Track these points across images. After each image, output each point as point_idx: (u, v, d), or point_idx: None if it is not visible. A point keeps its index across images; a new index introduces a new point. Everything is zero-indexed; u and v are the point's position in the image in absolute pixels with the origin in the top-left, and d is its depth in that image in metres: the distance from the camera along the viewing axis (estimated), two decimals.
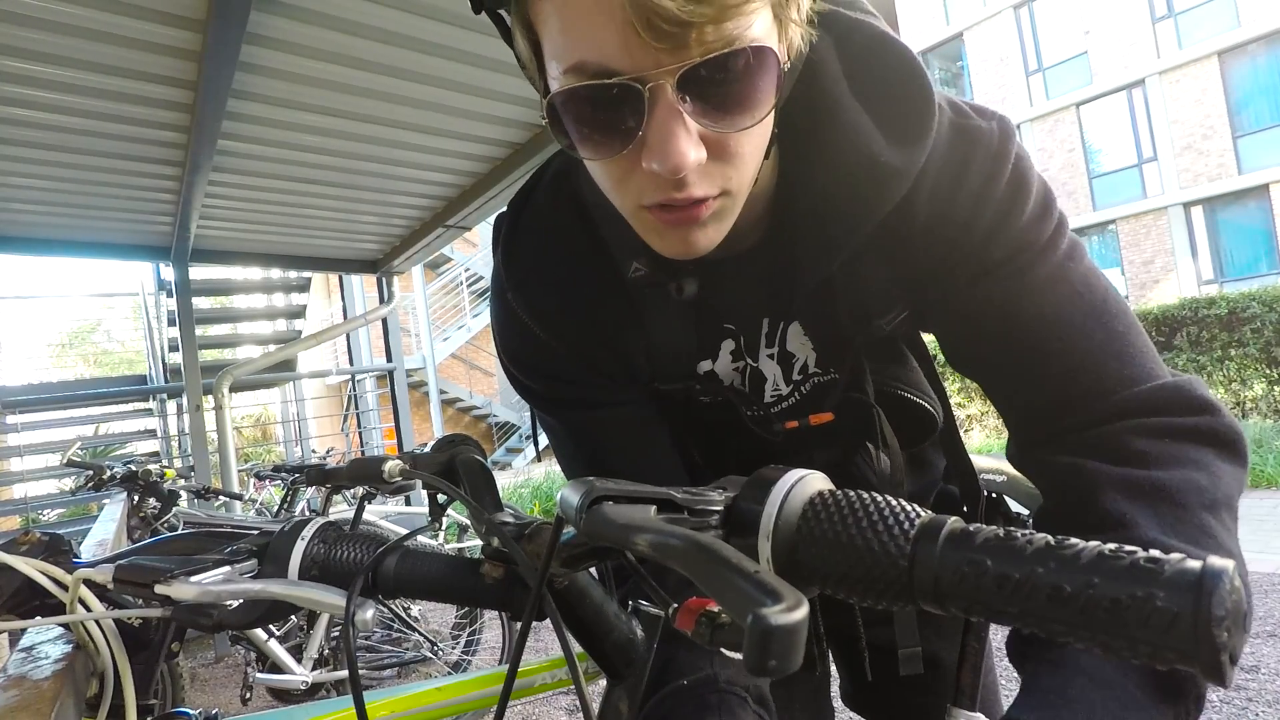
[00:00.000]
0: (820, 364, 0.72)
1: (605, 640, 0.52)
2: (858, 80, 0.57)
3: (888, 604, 0.30)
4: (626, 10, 0.41)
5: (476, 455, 0.57)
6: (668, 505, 0.34)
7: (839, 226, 0.59)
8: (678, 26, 0.41)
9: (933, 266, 0.60)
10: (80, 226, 3.85)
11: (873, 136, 0.55)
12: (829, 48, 0.57)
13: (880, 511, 0.30)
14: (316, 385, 13.82)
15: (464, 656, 3.03)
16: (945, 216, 0.58)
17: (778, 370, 0.72)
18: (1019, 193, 0.57)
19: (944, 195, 0.57)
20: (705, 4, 0.41)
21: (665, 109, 0.45)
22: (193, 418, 4.37)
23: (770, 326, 0.70)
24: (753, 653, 0.22)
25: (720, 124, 0.46)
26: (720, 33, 0.43)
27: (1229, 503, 0.52)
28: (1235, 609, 0.23)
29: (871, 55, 0.57)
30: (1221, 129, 15.68)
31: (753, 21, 0.44)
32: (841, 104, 0.56)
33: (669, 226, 0.52)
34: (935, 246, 0.59)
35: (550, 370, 0.73)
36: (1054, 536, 0.27)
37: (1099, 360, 0.56)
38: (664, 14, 0.41)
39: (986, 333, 0.60)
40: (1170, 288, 15.92)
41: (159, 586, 0.50)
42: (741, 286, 0.67)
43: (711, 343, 0.71)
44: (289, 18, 2.23)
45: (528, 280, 0.68)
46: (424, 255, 4.84)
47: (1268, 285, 7.21)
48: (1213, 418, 0.54)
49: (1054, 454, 0.58)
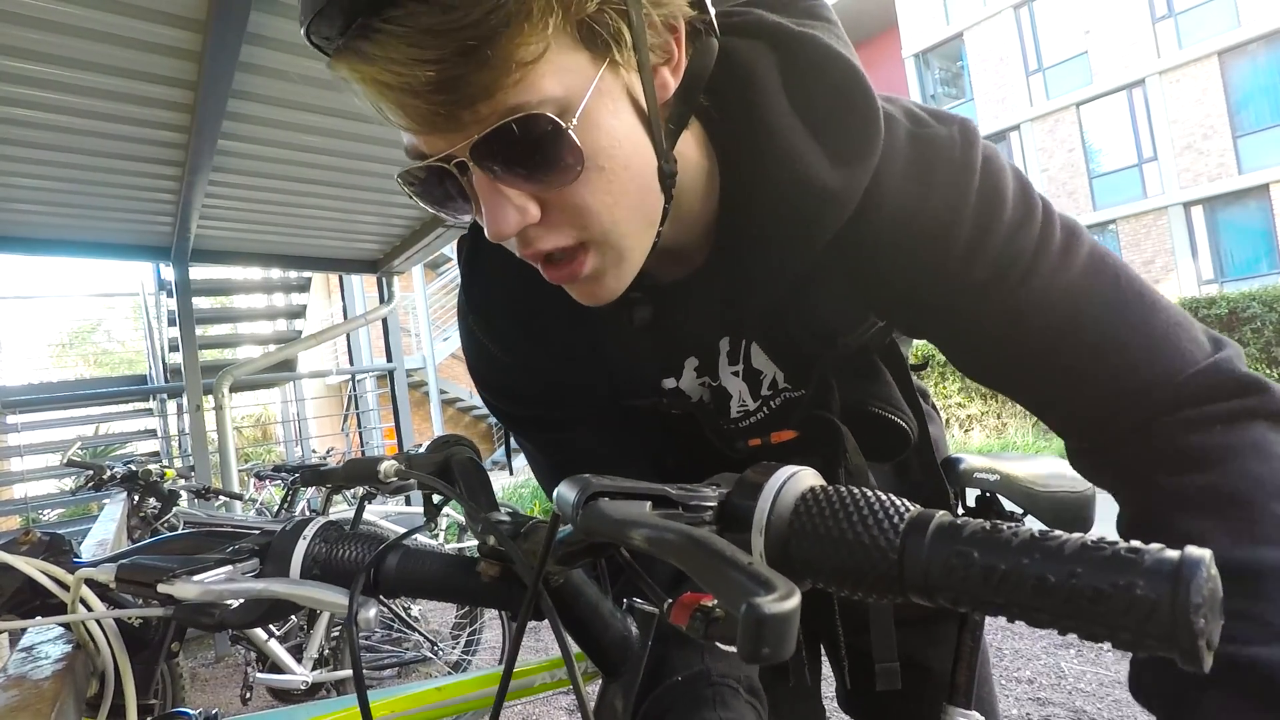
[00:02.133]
0: (790, 380, 0.71)
1: (601, 638, 0.52)
2: (799, 97, 0.55)
3: (879, 597, 0.30)
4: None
5: (471, 455, 0.57)
6: (662, 501, 0.34)
7: (783, 250, 0.58)
8: (438, 118, 0.44)
9: (909, 285, 0.58)
10: (80, 226, 3.86)
11: (811, 158, 0.54)
12: (770, 65, 0.56)
13: (870, 506, 0.31)
14: (316, 385, 13.83)
15: (464, 656, 3.03)
16: (914, 233, 0.55)
17: (743, 387, 0.71)
18: (993, 202, 0.55)
19: (910, 210, 0.55)
20: (454, 91, 0.42)
21: (480, 180, 0.46)
22: (193, 418, 4.37)
23: (732, 344, 0.69)
24: (746, 641, 0.23)
25: (536, 184, 0.47)
26: (493, 105, 0.43)
27: None
28: (1212, 596, 0.23)
29: (814, 70, 0.55)
30: (1222, 129, 15.69)
31: (534, 83, 0.43)
32: (779, 124, 0.54)
33: (560, 283, 0.53)
34: (908, 265, 0.57)
35: (516, 391, 0.74)
36: (1039, 529, 0.28)
37: (1126, 357, 0.53)
38: (421, 111, 0.43)
39: (997, 350, 0.57)
40: (1170, 288, 15.93)
41: (161, 586, 0.50)
42: (695, 308, 0.66)
43: (674, 361, 0.71)
44: (289, 18, 2.23)
45: (488, 305, 0.69)
46: (424, 255, 4.84)
47: (1268, 285, 7.22)
48: (1261, 396, 0.51)
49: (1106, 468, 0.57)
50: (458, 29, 0.40)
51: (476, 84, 0.42)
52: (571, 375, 0.71)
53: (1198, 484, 0.50)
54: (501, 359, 0.71)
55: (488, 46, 0.41)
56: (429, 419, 14.05)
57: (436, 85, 0.42)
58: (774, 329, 0.66)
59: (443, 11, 0.40)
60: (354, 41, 0.43)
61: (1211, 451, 0.50)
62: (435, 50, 0.41)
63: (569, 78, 0.45)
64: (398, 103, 0.43)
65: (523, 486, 7.96)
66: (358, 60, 0.43)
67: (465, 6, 0.40)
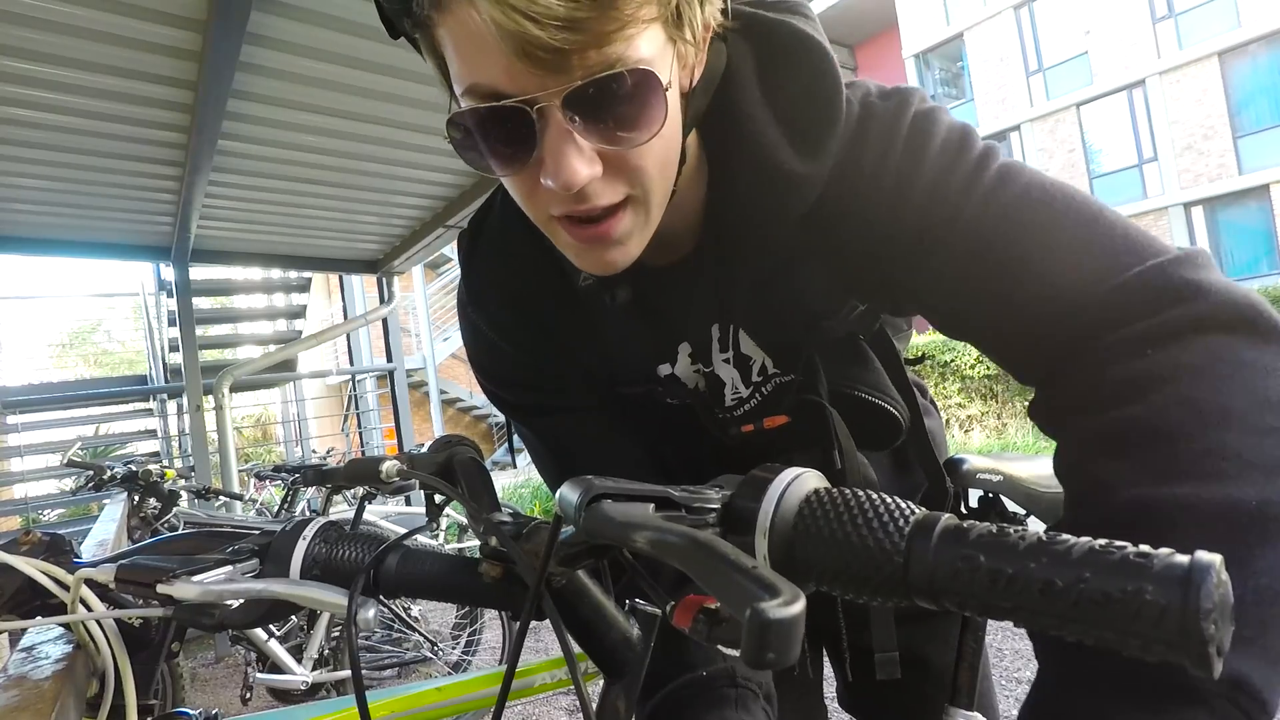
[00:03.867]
0: (779, 365, 0.72)
1: (603, 639, 0.52)
2: (770, 86, 0.57)
3: (883, 600, 0.30)
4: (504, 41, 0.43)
5: (473, 455, 0.57)
6: (665, 503, 0.34)
7: (761, 232, 0.61)
8: (553, 54, 0.43)
9: (866, 254, 0.60)
10: (80, 226, 3.85)
11: (779, 146, 0.57)
12: (747, 55, 0.58)
13: (875, 508, 0.31)
14: (317, 385, 13.82)
15: (464, 656, 3.03)
16: (863, 201, 0.57)
17: (735, 374, 0.72)
18: (920, 146, 0.56)
19: (854, 183, 0.57)
20: (578, 31, 0.42)
21: (555, 129, 0.47)
22: (193, 418, 4.37)
23: (722, 331, 0.70)
24: (751, 646, 0.23)
25: (611, 141, 0.48)
26: (601, 55, 0.44)
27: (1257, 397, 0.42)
28: (1222, 601, 0.23)
29: (786, 59, 0.57)
30: (1222, 129, 15.69)
31: (637, 43, 0.45)
32: (751, 115, 0.57)
33: (585, 244, 0.54)
34: (865, 234, 0.58)
35: (515, 379, 0.75)
36: (1046, 532, 0.27)
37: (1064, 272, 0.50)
38: (538, 43, 0.42)
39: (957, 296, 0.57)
40: None
41: (161, 586, 0.50)
42: (684, 294, 0.67)
43: (668, 347, 0.72)
44: (289, 18, 2.23)
45: (486, 294, 0.71)
46: (424, 255, 4.84)
47: (1268, 285, 7.20)
48: (1206, 301, 0.45)
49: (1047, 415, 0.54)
50: None
51: (598, 29, 0.43)
52: (569, 363, 0.73)
53: (1122, 418, 0.45)
54: (501, 347, 0.73)
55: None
56: (429, 419, 14.05)
57: (563, 22, 0.41)
58: (760, 315, 0.68)
59: None
60: None
61: (1140, 379, 0.45)
62: None
63: (661, 49, 0.47)
64: (516, 29, 0.41)
65: (523, 487, 7.96)
66: None
67: None
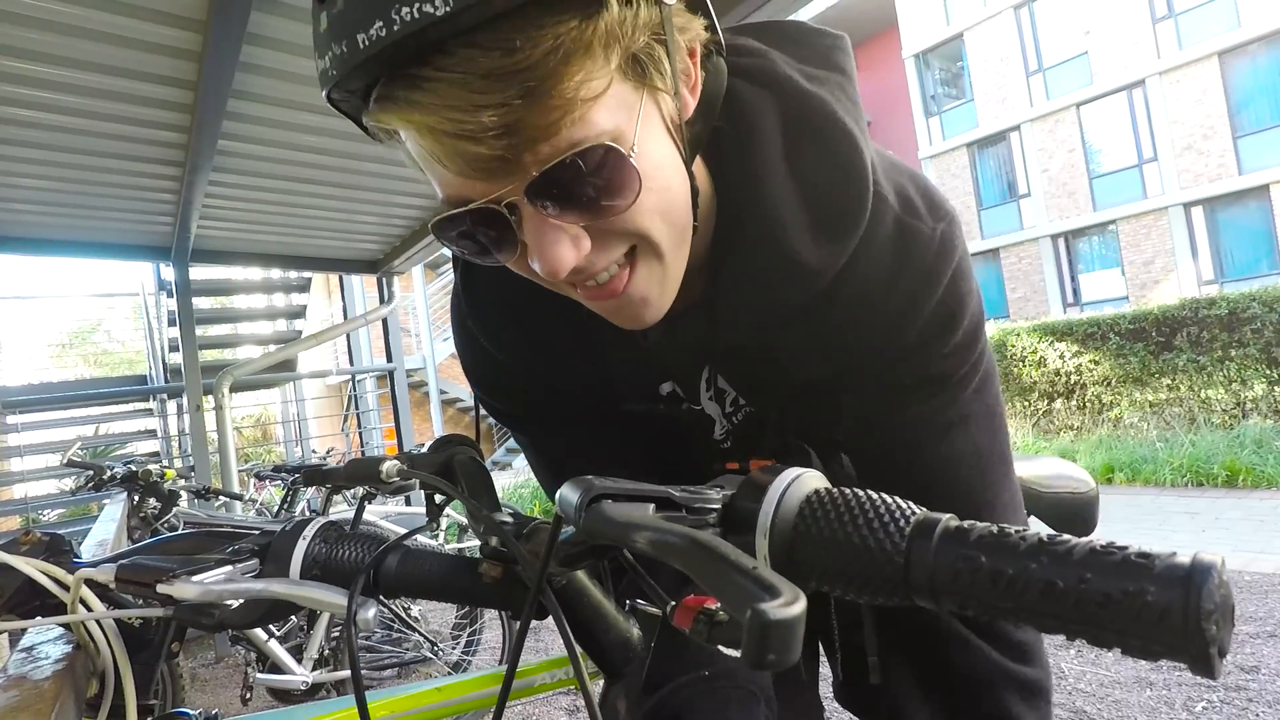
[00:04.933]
0: (750, 402, 0.72)
1: (604, 639, 0.52)
2: (796, 161, 0.55)
3: (884, 601, 0.30)
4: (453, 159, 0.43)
5: (474, 455, 0.57)
6: (666, 503, 0.34)
7: (753, 310, 0.59)
8: (500, 162, 0.43)
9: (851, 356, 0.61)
10: (80, 226, 3.85)
11: (794, 230, 0.55)
12: (775, 123, 0.56)
13: (876, 509, 0.31)
14: (317, 385, 13.81)
15: (464, 656, 3.03)
16: (872, 315, 0.58)
17: (717, 409, 0.73)
18: (948, 320, 0.59)
19: (875, 295, 0.58)
20: (517, 134, 0.41)
21: (531, 219, 0.46)
22: (193, 418, 4.37)
23: (710, 373, 0.71)
24: (751, 647, 0.23)
25: (592, 215, 0.47)
26: (552, 145, 0.43)
27: None
28: (1224, 603, 0.23)
29: (816, 137, 0.55)
30: (1222, 129, 15.67)
31: (590, 117, 0.43)
32: (769, 191, 0.55)
33: (611, 308, 0.54)
34: (857, 340, 0.60)
35: (512, 391, 0.75)
36: (1046, 533, 0.27)
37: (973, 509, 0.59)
38: (481, 158, 0.42)
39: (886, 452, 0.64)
40: (1170, 288, 15.91)
41: (161, 586, 0.50)
42: (686, 339, 0.65)
43: (666, 375, 0.72)
44: (289, 18, 2.23)
45: (484, 304, 0.69)
46: (424, 255, 4.84)
47: (1268, 286, 7.20)
48: None
49: None
50: (519, 71, 0.40)
51: (538, 124, 0.41)
52: (568, 380, 0.71)
53: None
54: (497, 358, 0.71)
55: (549, 85, 0.40)
56: (429, 419, 14.04)
57: (499, 130, 0.41)
58: (735, 366, 0.68)
59: (503, 55, 0.39)
60: (399, 91, 0.41)
61: None
62: (497, 94, 0.40)
63: (620, 107, 0.45)
64: (454, 149, 0.42)
65: (523, 487, 7.96)
66: (408, 110, 0.42)
67: (526, 48, 0.39)
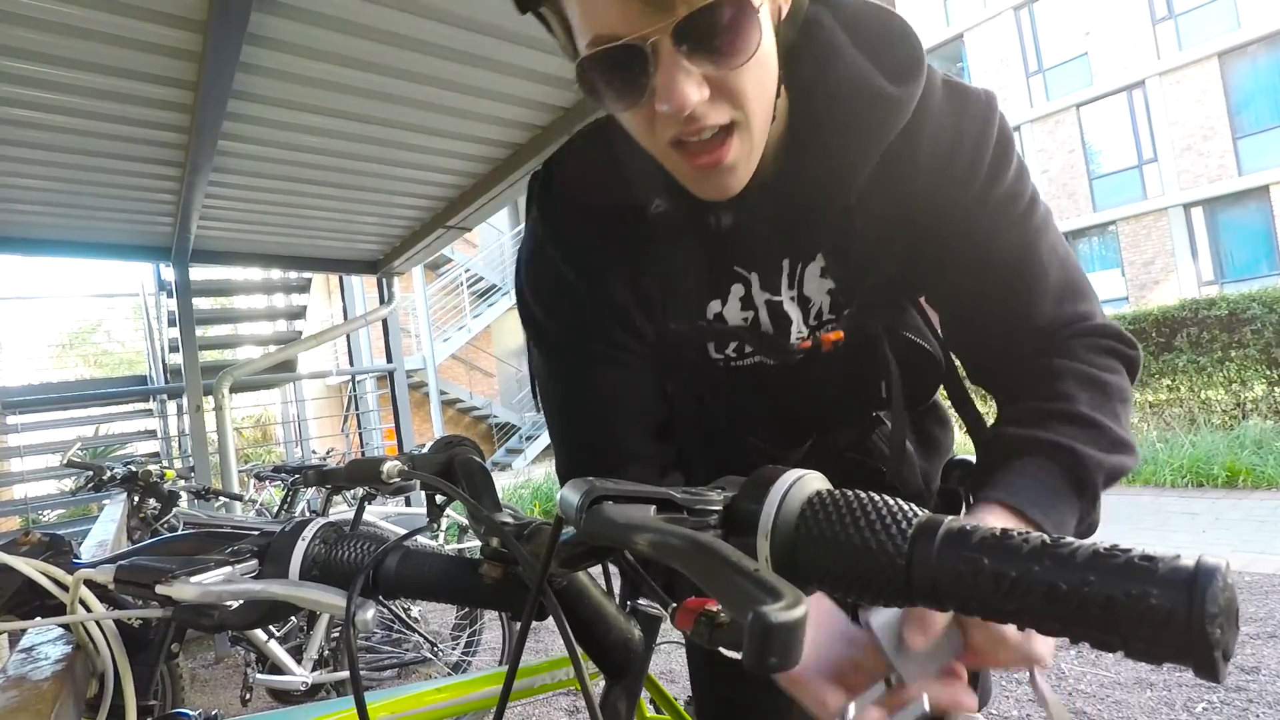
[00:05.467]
0: (834, 309, 0.79)
1: (605, 640, 0.52)
2: (855, 35, 0.67)
3: (885, 603, 0.30)
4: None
5: (475, 456, 0.57)
6: (667, 505, 0.34)
7: (852, 154, 0.67)
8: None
9: (939, 202, 0.70)
10: (80, 227, 3.85)
11: (873, 75, 0.65)
12: (830, 16, 0.67)
13: (878, 511, 0.30)
14: (317, 386, 13.80)
15: (464, 657, 3.03)
16: (946, 164, 0.68)
17: (799, 314, 0.78)
18: (1005, 153, 0.69)
19: (945, 144, 0.68)
20: None
21: (667, 60, 0.55)
22: (193, 418, 4.36)
23: (790, 267, 0.76)
24: (753, 650, 0.23)
25: (716, 65, 0.56)
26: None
27: (1128, 402, 0.69)
28: (1228, 606, 0.23)
29: (866, 16, 0.68)
30: (1222, 130, 15.68)
31: None
32: (843, 50, 0.66)
33: (700, 172, 0.62)
34: (935, 191, 0.69)
35: (568, 311, 0.78)
36: (1050, 536, 0.27)
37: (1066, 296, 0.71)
38: None
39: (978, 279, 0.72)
40: (1170, 289, 15.92)
41: (160, 587, 0.50)
42: (761, 224, 0.72)
43: (722, 285, 0.77)
44: (289, 18, 2.23)
45: (559, 218, 0.76)
46: (424, 256, 4.84)
47: (1268, 286, 7.20)
48: (1133, 352, 0.71)
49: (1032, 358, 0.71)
50: None
51: None
52: (625, 293, 0.76)
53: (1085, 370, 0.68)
54: (565, 275, 0.76)
55: None
56: (429, 420, 14.04)
57: None
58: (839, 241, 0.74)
59: None
60: None
61: (1100, 364, 0.69)
62: None
63: None
64: None
65: (523, 487, 7.96)
66: None
67: None
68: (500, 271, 15.28)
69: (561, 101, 2.96)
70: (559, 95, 2.90)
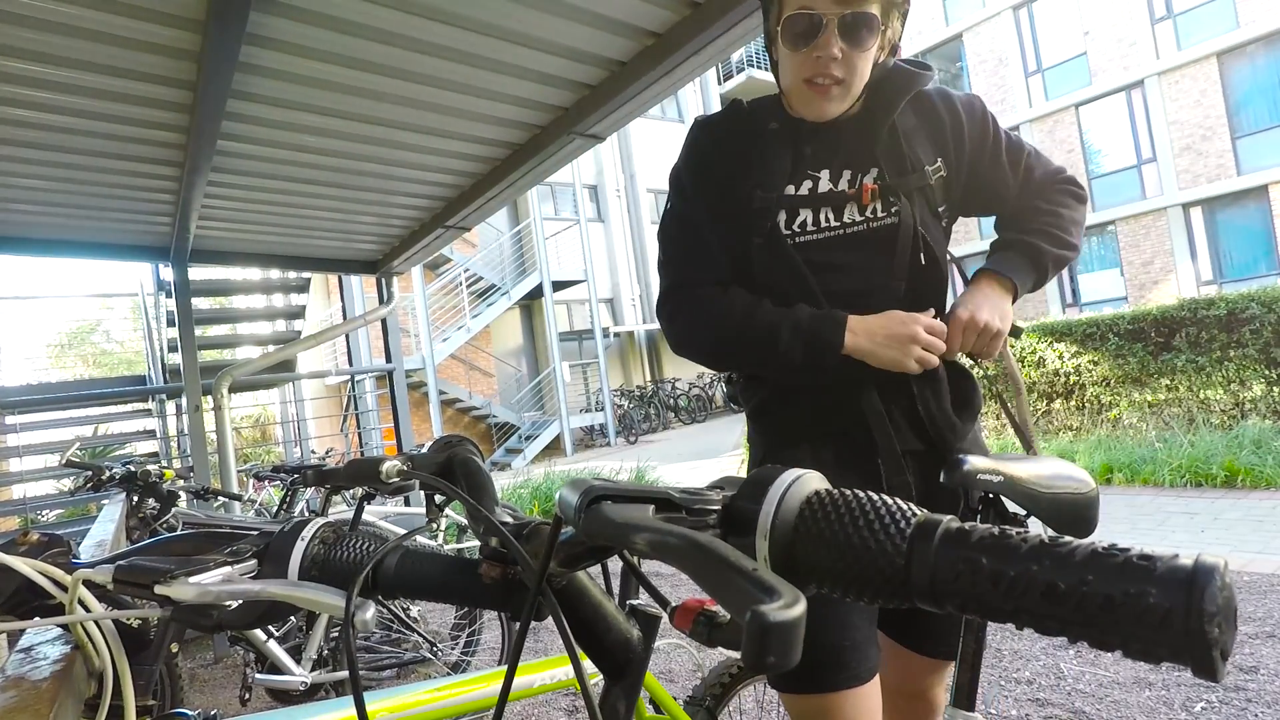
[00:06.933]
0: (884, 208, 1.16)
1: (604, 640, 0.52)
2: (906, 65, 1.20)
3: (885, 602, 0.30)
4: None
5: (474, 455, 0.57)
6: (666, 504, 0.34)
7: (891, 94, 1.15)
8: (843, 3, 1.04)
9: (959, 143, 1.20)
10: (80, 227, 3.85)
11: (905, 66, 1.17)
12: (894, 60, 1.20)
13: (876, 510, 0.30)
14: (316, 386, 13.80)
15: (463, 657, 3.03)
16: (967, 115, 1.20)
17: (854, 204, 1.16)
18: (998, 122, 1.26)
19: (962, 105, 1.21)
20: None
21: (829, 31, 1.05)
22: (192, 418, 4.36)
23: (850, 176, 1.17)
24: (751, 649, 0.23)
25: (850, 45, 1.06)
26: (863, 4, 1.04)
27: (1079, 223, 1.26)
28: (1226, 605, 0.23)
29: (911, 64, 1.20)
30: (1220, 130, 15.69)
31: (875, 6, 1.05)
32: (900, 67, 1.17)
33: (816, 97, 1.10)
34: (961, 131, 1.20)
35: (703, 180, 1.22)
36: (1048, 535, 0.27)
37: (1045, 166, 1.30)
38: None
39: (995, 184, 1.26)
40: (1169, 289, 15.93)
41: (159, 587, 0.50)
42: (835, 142, 1.17)
43: (799, 176, 1.17)
44: (289, 18, 2.23)
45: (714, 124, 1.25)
46: (424, 256, 4.83)
47: (1267, 286, 7.20)
48: (1082, 191, 1.29)
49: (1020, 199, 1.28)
50: None
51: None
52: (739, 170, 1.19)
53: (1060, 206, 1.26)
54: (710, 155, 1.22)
55: None
56: (428, 419, 14.05)
57: None
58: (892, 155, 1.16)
59: None
60: None
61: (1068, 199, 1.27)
62: None
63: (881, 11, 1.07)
64: None
65: (522, 487, 7.95)
66: None
67: None
68: (499, 271, 15.28)
69: (561, 101, 2.96)
70: (559, 95, 2.90)
